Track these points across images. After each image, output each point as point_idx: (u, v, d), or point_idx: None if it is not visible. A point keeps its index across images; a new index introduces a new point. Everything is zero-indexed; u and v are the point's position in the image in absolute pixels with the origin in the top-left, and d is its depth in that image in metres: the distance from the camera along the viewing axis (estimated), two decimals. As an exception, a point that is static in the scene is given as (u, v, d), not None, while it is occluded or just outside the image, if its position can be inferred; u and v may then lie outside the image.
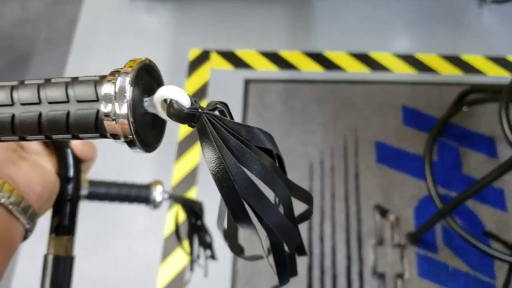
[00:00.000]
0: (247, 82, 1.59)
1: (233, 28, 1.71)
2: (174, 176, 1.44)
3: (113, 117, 0.25)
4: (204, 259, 0.77)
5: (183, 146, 1.48)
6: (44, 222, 0.46)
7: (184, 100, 0.26)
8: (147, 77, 0.27)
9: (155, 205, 0.67)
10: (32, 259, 0.42)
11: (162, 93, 0.26)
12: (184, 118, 0.26)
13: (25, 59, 1.68)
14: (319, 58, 1.63)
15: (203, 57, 1.64)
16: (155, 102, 0.27)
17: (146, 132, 0.27)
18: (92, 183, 0.62)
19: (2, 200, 0.36)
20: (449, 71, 1.60)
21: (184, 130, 1.51)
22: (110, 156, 1.42)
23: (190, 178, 1.43)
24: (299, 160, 1.46)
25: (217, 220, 0.33)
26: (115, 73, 0.26)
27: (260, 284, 1.29)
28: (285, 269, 0.29)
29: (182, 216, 0.74)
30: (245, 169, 0.25)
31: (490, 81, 1.58)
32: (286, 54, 1.64)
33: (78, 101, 0.26)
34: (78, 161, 0.46)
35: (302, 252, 0.31)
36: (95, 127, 0.26)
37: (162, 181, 0.69)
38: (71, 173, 0.45)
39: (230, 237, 0.33)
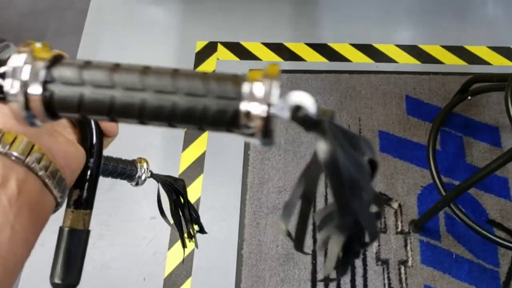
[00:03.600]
0: (253, 73, 1.60)
1: (239, 20, 1.72)
2: (181, 164, 1.46)
3: (257, 117, 0.26)
4: (193, 234, 0.77)
5: (191, 134, 1.50)
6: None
7: (312, 107, 0.28)
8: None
9: (138, 182, 0.67)
10: (41, 247, 0.42)
11: (296, 98, 0.28)
12: (308, 124, 0.28)
13: (35, 50, 1.71)
14: (323, 49, 1.65)
15: (210, 48, 1.66)
16: (287, 105, 0.28)
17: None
18: None
19: (40, 173, 0.34)
20: (453, 62, 1.60)
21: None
22: (117, 143, 1.45)
23: (197, 166, 1.46)
24: (303, 149, 1.47)
25: (283, 216, 0.34)
26: (259, 73, 0.27)
27: (265, 269, 1.30)
28: (349, 262, 0.32)
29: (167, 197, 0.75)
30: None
31: (495, 71, 1.57)
32: (291, 45, 1.66)
33: (217, 97, 0.27)
34: (102, 135, 0.45)
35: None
36: (231, 123, 0.27)
37: (146, 158, 0.69)
38: (95, 146, 0.44)
39: (298, 235, 0.34)
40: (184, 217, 0.72)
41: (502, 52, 1.62)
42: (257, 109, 0.26)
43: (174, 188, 0.73)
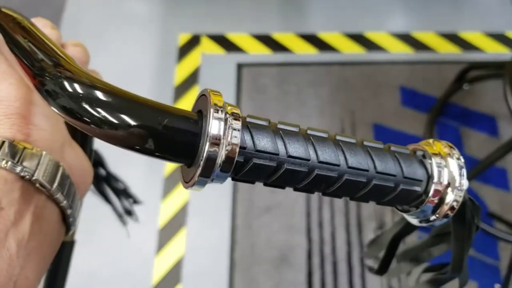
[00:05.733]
0: (240, 66, 1.54)
1: (223, 11, 1.66)
2: (167, 166, 1.40)
3: (448, 204, 0.26)
4: (129, 208, 0.69)
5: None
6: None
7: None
8: None
9: None
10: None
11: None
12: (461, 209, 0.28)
13: (9, 49, 1.63)
14: (313, 40, 1.59)
15: (194, 41, 1.59)
16: None
17: None
18: None
19: (63, 203, 0.27)
20: (447, 49, 1.56)
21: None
22: (102, 149, 1.39)
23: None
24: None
25: (370, 251, 0.39)
26: (439, 146, 0.27)
27: (259, 272, 1.26)
28: None
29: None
30: None
31: (490, 58, 1.54)
32: (279, 36, 1.60)
33: (405, 177, 0.26)
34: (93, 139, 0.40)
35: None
36: (413, 202, 0.28)
37: None
38: (93, 153, 0.41)
39: (385, 263, 0.38)
40: (113, 189, 0.65)
41: (497, 38, 1.58)
42: (450, 196, 0.26)
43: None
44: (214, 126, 0.22)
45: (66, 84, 0.21)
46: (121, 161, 1.35)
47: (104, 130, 0.21)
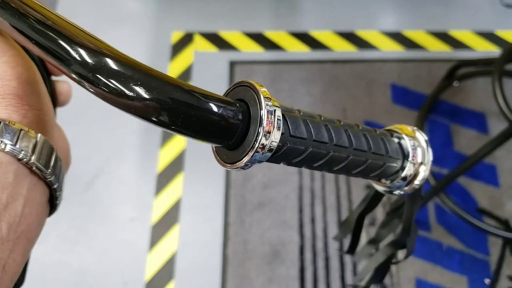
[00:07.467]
0: (232, 64, 1.55)
1: (216, 9, 1.66)
2: (160, 162, 1.40)
3: (415, 177, 0.31)
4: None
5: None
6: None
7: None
8: None
9: None
10: None
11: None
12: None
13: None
14: (305, 38, 1.60)
15: (186, 39, 1.60)
16: None
17: None
18: None
19: (55, 186, 0.26)
20: (437, 47, 1.57)
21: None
22: (94, 145, 1.38)
23: (177, 164, 1.39)
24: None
25: (342, 230, 0.44)
26: (406, 130, 0.33)
27: (251, 268, 1.26)
28: (383, 275, 0.43)
29: None
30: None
31: (479, 56, 1.55)
32: (271, 34, 1.60)
33: (390, 156, 0.31)
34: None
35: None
36: (391, 177, 0.32)
37: None
38: None
39: (353, 242, 0.45)
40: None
41: (486, 37, 1.59)
42: (422, 174, 0.31)
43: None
44: (266, 115, 0.24)
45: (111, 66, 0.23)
46: (115, 158, 1.36)
47: (159, 119, 0.24)
